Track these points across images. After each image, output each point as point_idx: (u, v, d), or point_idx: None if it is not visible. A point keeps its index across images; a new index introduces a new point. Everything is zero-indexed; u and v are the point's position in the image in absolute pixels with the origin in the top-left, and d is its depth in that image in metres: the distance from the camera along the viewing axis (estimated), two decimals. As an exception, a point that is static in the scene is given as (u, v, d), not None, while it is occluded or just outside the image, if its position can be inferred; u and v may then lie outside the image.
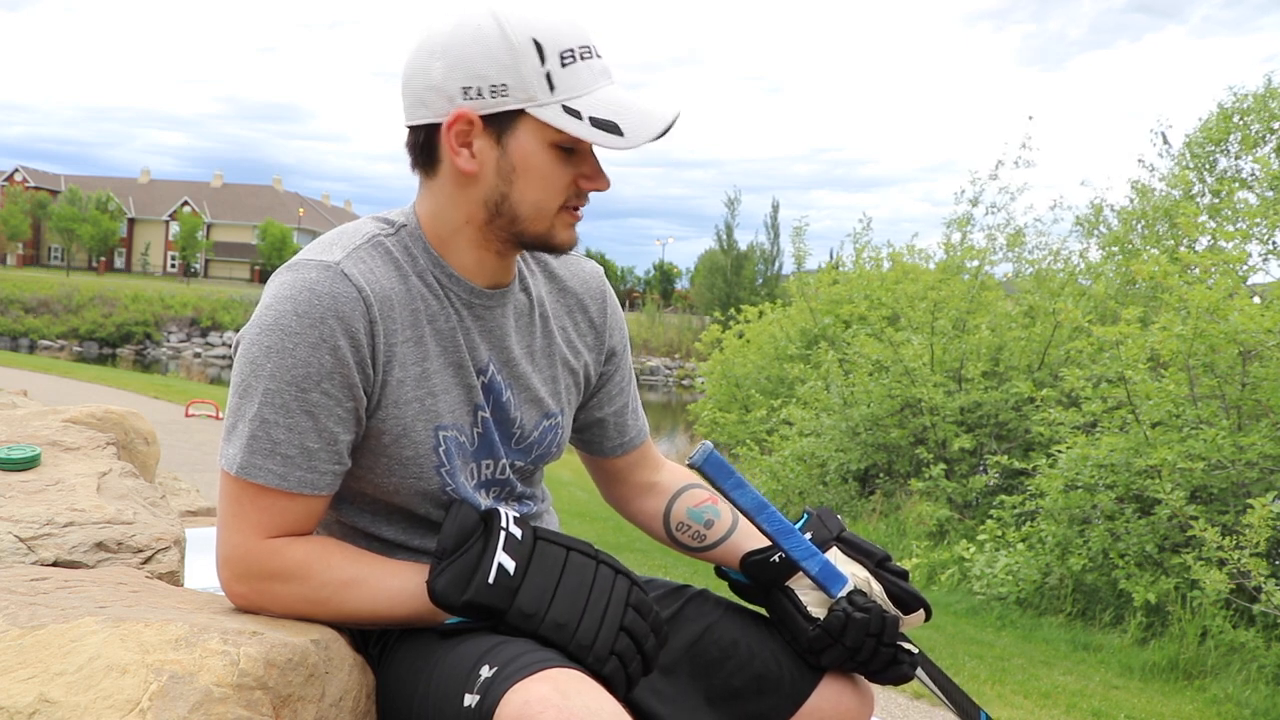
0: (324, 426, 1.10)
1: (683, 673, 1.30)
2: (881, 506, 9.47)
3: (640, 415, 1.47)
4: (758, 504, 1.26)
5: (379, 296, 1.13)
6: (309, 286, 1.09)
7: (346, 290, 1.10)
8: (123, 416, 2.18)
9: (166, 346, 39.47)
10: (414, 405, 1.17)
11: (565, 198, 1.17)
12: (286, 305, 1.09)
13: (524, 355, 1.28)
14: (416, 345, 1.17)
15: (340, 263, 1.11)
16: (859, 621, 1.25)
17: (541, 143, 1.14)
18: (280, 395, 1.08)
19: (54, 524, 1.41)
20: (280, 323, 1.08)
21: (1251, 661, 5.29)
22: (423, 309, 1.18)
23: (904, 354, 9.31)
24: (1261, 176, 9.45)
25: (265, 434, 1.09)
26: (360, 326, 1.10)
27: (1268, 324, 5.59)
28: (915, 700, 4.39)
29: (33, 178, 68.22)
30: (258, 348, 1.09)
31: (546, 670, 1.00)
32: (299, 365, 1.08)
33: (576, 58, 1.13)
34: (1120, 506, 6.46)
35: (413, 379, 1.17)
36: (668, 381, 41.29)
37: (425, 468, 1.19)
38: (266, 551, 1.11)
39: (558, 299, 1.34)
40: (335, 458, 1.13)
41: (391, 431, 1.16)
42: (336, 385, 1.10)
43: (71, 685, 0.92)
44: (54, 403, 2.54)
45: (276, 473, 1.09)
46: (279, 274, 1.13)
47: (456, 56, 1.12)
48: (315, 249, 1.16)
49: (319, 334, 1.08)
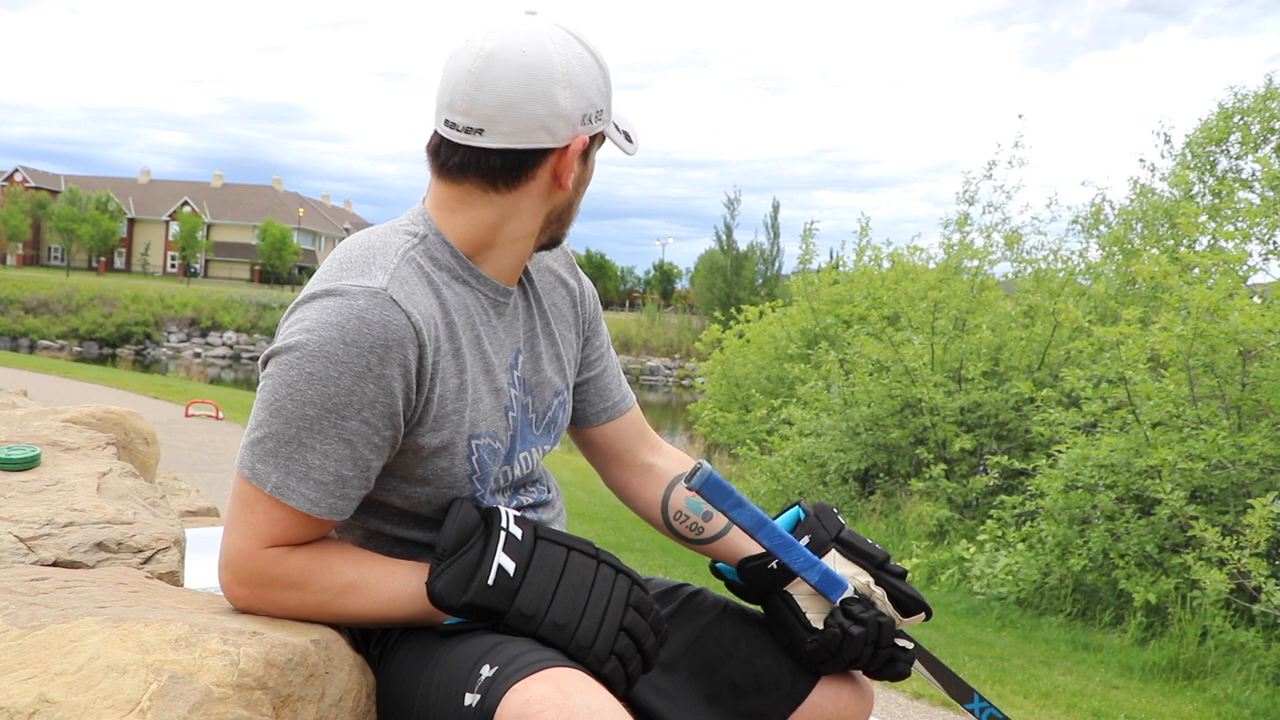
0: (360, 454, 1.10)
1: (683, 670, 1.30)
2: (882, 507, 9.47)
3: (623, 381, 1.48)
4: (757, 521, 1.25)
5: (425, 320, 1.12)
6: (358, 315, 1.07)
7: (397, 319, 1.08)
8: (123, 416, 2.18)
9: (166, 346, 39.46)
10: (453, 418, 1.17)
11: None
12: (333, 333, 1.06)
13: (533, 337, 1.30)
14: (455, 359, 1.17)
15: (388, 289, 1.09)
16: (856, 636, 1.26)
17: (593, 159, 1.25)
18: (319, 422, 1.07)
19: (54, 524, 1.41)
20: (325, 349, 1.06)
21: (1251, 661, 5.29)
22: (457, 321, 1.18)
23: (904, 354, 9.31)
24: (1262, 176, 9.45)
25: (302, 458, 1.08)
26: (411, 354, 1.09)
27: (1268, 324, 5.59)
28: (915, 700, 4.39)
29: (33, 178, 68.23)
30: (298, 372, 1.06)
31: (547, 669, 1.00)
32: (342, 394, 1.06)
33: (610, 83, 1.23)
34: (1120, 507, 6.46)
35: (452, 392, 1.16)
36: (668, 381, 41.29)
37: (459, 477, 1.19)
38: (270, 559, 1.10)
39: (546, 276, 1.36)
40: (363, 484, 1.13)
41: (430, 445, 1.16)
42: (377, 414, 1.09)
43: (71, 685, 0.92)
44: (54, 403, 2.53)
45: (309, 498, 1.09)
46: (321, 299, 1.09)
47: (579, 86, 1.16)
48: (354, 271, 1.12)
49: (365, 364, 1.07)
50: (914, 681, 4.61)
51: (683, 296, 72.81)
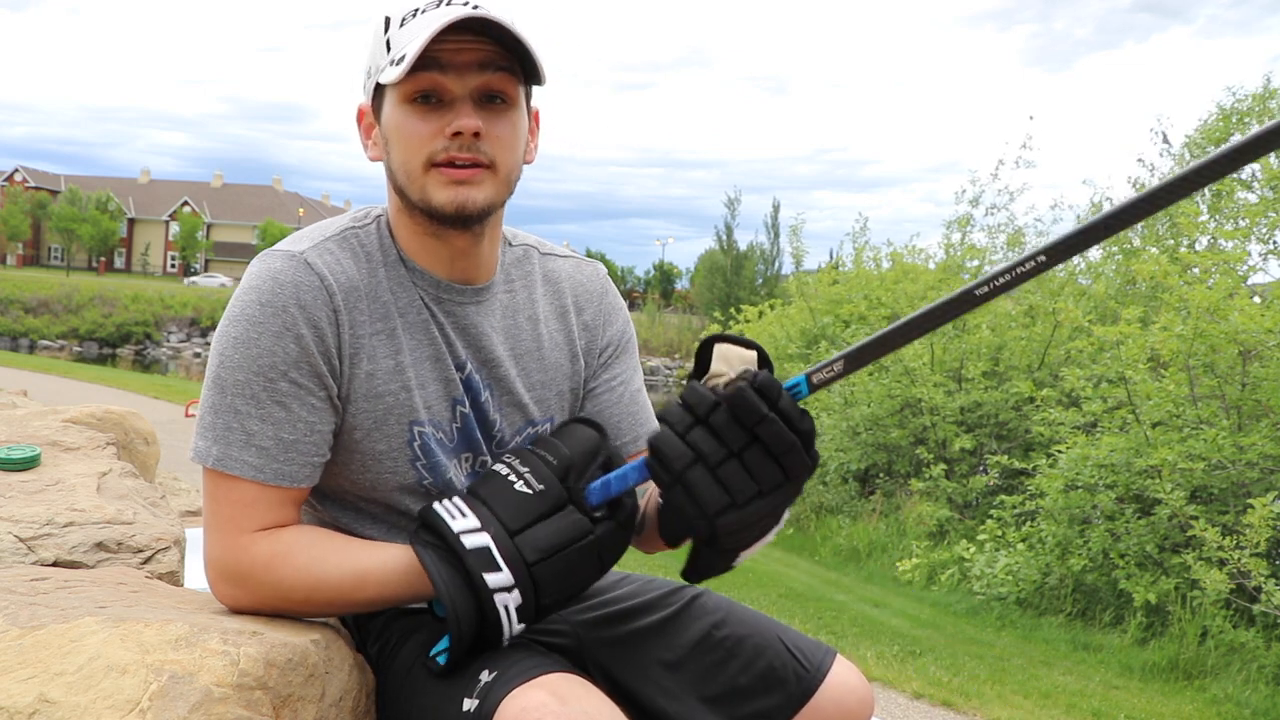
0: (298, 416, 1.09)
1: (689, 671, 1.30)
2: (881, 506, 9.47)
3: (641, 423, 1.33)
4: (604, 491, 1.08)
5: (343, 287, 1.12)
6: (272, 275, 1.09)
7: (308, 279, 1.09)
8: (123, 416, 2.18)
9: (166, 346, 39.44)
10: (387, 399, 1.15)
11: (427, 153, 1.10)
12: (251, 295, 1.08)
13: (508, 358, 1.24)
14: (389, 338, 1.15)
15: (305, 253, 1.11)
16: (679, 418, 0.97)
17: (396, 104, 1.11)
18: (249, 386, 1.07)
19: (54, 524, 1.41)
20: (246, 313, 1.08)
21: (1251, 661, 5.29)
22: (393, 301, 1.16)
23: (904, 354, 9.31)
24: (1261, 176, 9.45)
25: (239, 425, 1.07)
26: (323, 315, 1.09)
27: (1268, 324, 5.59)
28: (915, 700, 4.39)
29: (33, 178, 68.26)
30: (226, 339, 1.08)
31: (544, 676, 1.00)
32: (264, 355, 1.07)
33: (418, 13, 1.09)
34: (1120, 506, 6.46)
35: (385, 372, 1.15)
36: (667, 381, 41.27)
37: (400, 462, 1.17)
38: (238, 549, 1.08)
39: (551, 303, 1.31)
40: (312, 449, 1.11)
41: (363, 425, 1.14)
42: (304, 374, 1.09)
43: (71, 685, 0.92)
44: (54, 403, 2.54)
45: (253, 464, 1.07)
46: (249, 266, 1.14)
47: (364, 66, 1.18)
48: (286, 241, 1.16)
49: (282, 322, 1.07)
50: (914, 681, 4.61)
51: (683, 296, 72.86)
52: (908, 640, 5.56)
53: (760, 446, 0.95)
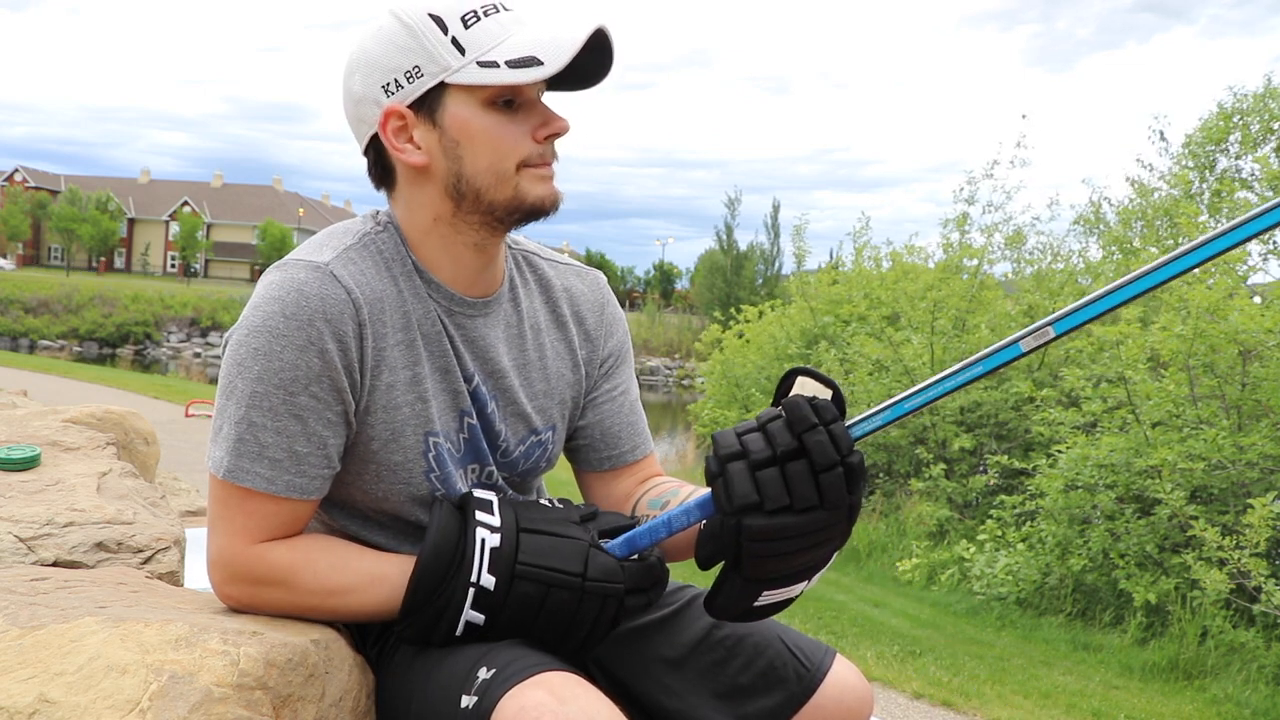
0: (312, 430, 1.09)
1: (691, 670, 1.30)
2: (881, 506, 9.47)
3: (639, 432, 1.37)
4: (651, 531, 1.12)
5: (369, 299, 1.12)
6: (297, 288, 1.07)
7: (335, 292, 1.08)
8: (123, 416, 2.18)
9: (166, 346, 39.42)
10: (405, 410, 1.15)
11: (522, 154, 1.13)
12: (274, 306, 1.07)
13: (513, 369, 1.25)
14: (408, 349, 1.16)
15: (330, 264, 1.10)
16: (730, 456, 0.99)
17: (474, 107, 1.11)
18: (268, 398, 1.07)
19: (54, 524, 1.41)
20: (268, 324, 1.06)
21: (1251, 661, 5.29)
22: (413, 311, 1.17)
23: (904, 354, 9.32)
24: (1261, 176, 9.44)
25: (253, 437, 1.07)
26: (349, 330, 1.09)
27: (1268, 324, 5.59)
28: (915, 700, 4.39)
29: (33, 178, 68.21)
30: (244, 349, 1.07)
31: (543, 674, 1.00)
32: (287, 368, 1.07)
33: (480, 15, 1.11)
34: (1120, 506, 6.46)
35: (404, 383, 1.15)
36: (668, 381, 41.26)
37: (414, 473, 1.17)
38: (253, 556, 1.10)
39: (552, 311, 1.31)
40: (324, 462, 1.11)
41: (380, 436, 1.15)
42: (325, 389, 1.09)
43: (71, 685, 0.92)
44: (54, 403, 2.53)
45: (264, 476, 1.08)
46: (268, 273, 1.11)
47: (368, 62, 1.13)
48: (306, 249, 1.14)
49: (306, 336, 1.07)
50: (914, 681, 4.61)
51: (683, 296, 72.80)
52: (908, 640, 5.56)
53: (804, 462, 0.96)
